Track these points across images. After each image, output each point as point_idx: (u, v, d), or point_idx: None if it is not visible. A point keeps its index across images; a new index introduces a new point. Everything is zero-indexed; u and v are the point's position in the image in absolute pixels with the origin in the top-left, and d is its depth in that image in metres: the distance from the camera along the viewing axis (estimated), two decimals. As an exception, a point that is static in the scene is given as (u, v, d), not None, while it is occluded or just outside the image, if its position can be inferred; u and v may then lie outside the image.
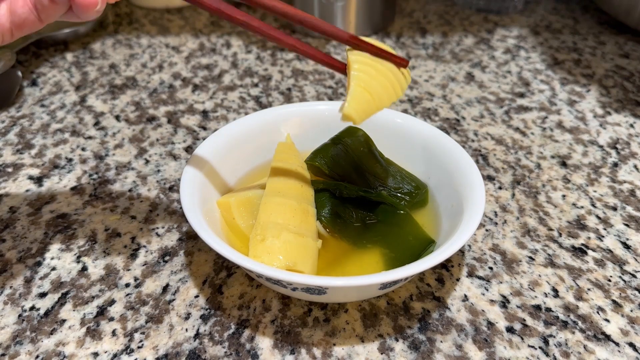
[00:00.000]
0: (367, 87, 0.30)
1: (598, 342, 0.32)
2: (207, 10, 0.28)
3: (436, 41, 0.68)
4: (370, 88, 0.30)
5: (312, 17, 0.31)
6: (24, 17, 0.27)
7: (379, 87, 0.31)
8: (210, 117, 0.52)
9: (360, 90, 0.30)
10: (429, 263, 0.29)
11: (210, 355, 0.31)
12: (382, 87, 0.31)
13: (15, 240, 0.38)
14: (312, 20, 0.31)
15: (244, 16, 0.29)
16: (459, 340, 0.31)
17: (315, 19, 0.31)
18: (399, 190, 0.38)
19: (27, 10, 0.27)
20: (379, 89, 0.31)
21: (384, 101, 0.31)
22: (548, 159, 0.47)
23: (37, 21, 0.28)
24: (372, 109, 0.30)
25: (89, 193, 0.42)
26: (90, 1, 0.26)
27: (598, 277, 0.36)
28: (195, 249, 0.37)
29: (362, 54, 0.31)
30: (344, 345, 0.31)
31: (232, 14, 0.29)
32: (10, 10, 0.27)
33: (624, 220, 0.40)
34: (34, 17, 0.27)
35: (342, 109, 0.29)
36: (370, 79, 0.31)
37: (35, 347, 0.31)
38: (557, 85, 0.58)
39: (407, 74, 0.33)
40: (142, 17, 0.74)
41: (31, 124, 0.51)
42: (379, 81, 0.31)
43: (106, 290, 0.34)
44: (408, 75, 0.33)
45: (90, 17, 0.27)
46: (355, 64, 0.31)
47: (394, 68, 0.32)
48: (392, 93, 0.31)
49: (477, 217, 0.32)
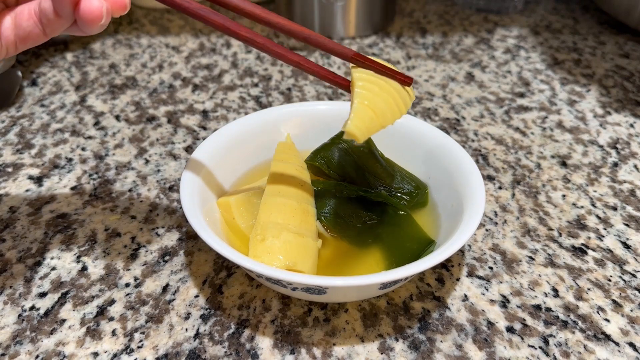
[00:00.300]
0: (370, 104, 0.30)
1: (598, 342, 0.32)
2: (215, 28, 0.29)
3: (436, 41, 0.68)
4: (374, 105, 0.30)
5: (317, 34, 0.31)
6: (29, 31, 0.28)
7: (383, 104, 0.30)
8: (210, 117, 0.52)
9: (364, 108, 0.30)
10: (429, 263, 0.29)
11: (210, 355, 0.31)
12: (386, 104, 0.30)
13: (15, 240, 0.38)
14: (317, 37, 0.31)
15: (249, 33, 0.29)
16: (459, 340, 0.31)
17: (319, 36, 0.31)
18: (399, 190, 0.38)
19: (32, 24, 0.28)
20: (382, 107, 0.30)
21: (387, 119, 0.31)
22: (548, 159, 0.47)
23: (41, 35, 0.28)
24: (376, 127, 0.30)
25: (89, 193, 0.42)
26: (95, 15, 0.26)
27: (598, 277, 0.36)
28: (195, 249, 0.37)
29: (366, 72, 0.31)
30: (344, 345, 0.31)
31: (237, 31, 0.29)
32: (15, 23, 0.28)
33: (624, 220, 0.40)
34: (38, 31, 0.28)
35: (345, 126, 0.29)
36: (374, 96, 0.30)
37: (35, 347, 0.31)
38: (557, 85, 0.58)
39: (411, 92, 0.33)
40: (142, 17, 0.74)
41: (31, 123, 0.51)
42: (383, 98, 0.31)
43: (106, 290, 0.34)
44: (412, 93, 0.33)
45: (94, 31, 0.27)
46: (359, 81, 0.31)
47: (398, 86, 0.32)
48: (395, 111, 0.31)
49: (477, 217, 0.31)
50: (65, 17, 0.27)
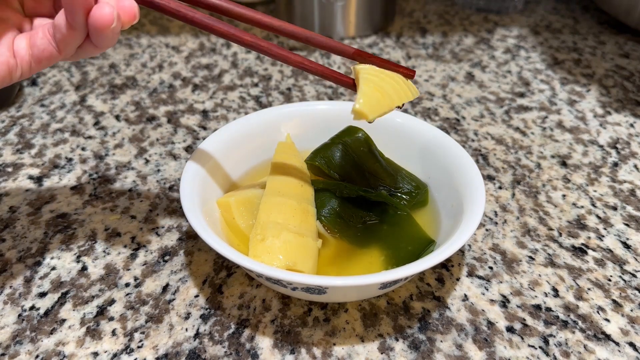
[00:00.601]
0: (377, 87, 0.31)
1: (598, 342, 0.32)
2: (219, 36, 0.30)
3: (436, 41, 0.68)
4: (381, 88, 0.31)
5: (318, 35, 0.32)
6: (43, 48, 0.28)
7: (389, 87, 0.31)
8: (210, 116, 0.52)
9: (371, 89, 0.30)
10: (429, 263, 0.29)
11: (210, 354, 0.31)
12: (392, 88, 0.31)
13: (15, 240, 0.38)
14: (318, 37, 0.32)
15: (253, 38, 0.30)
16: (459, 340, 0.31)
17: (320, 37, 0.32)
18: (399, 190, 0.38)
19: (46, 42, 0.28)
20: (388, 89, 0.31)
21: (394, 100, 0.31)
22: (548, 159, 0.47)
23: (55, 52, 0.28)
24: (383, 107, 0.31)
25: (89, 193, 0.42)
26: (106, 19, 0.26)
27: (598, 276, 0.36)
28: (195, 249, 0.37)
29: (370, 66, 0.32)
30: (344, 344, 0.31)
31: (241, 37, 0.30)
32: (30, 43, 0.28)
33: (624, 220, 0.40)
34: (52, 48, 0.28)
35: (354, 107, 0.29)
36: (380, 80, 0.31)
37: (35, 347, 0.31)
38: (557, 85, 0.58)
39: (413, 87, 0.33)
40: (142, 17, 0.74)
41: (31, 123, 0.51)
42: (388, 83, 0.31)
43: (106, 290, 0.34)
44: (415, 90, 0.33)
45: (106, 41, 0.28)
46: (365, 73, 0.31)
47: (402, 77, 0.32)
48: (402, 94, 0.32)
49: (477, 217, 0.31)
50: (78, 29, 0.27)
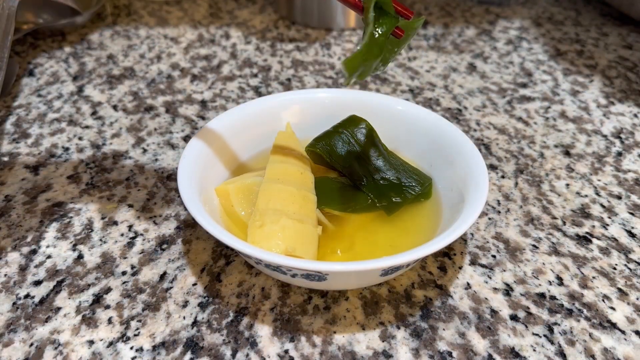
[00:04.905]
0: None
1: (604, 330, 0.31)
2: None
3: (437, 32, 0.67)
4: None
5: None
6: None
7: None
8: (208, 107, 0.51)
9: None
10: (430, 249, 0.28)
11: (208, 343, 0.30)
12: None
13: (10, 229, 0.37)
14: None
15: None
16: (461, 328, 0.31)
17: None
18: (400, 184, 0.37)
19: None
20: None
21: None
22: (551, 148, 0.46)
23: None
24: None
25: (86, 182, 0.42)
26: None
27: (603, 265, 0.35)
28: (193, 237, 0.37)
29: None
30: (344, 332, 0.31)
31: None
32: None
33: (629, 209, 0.40)
34: None
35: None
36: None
37: (29, 335, 0.30)
38: (560, 75, 0.58)
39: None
40: (140, 9, 0.73)
41: (28, 113, 0.50)
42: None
43: (102, 278, 0.34)
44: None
45: None
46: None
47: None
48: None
49: (479, 204, 0.31)
50: None
